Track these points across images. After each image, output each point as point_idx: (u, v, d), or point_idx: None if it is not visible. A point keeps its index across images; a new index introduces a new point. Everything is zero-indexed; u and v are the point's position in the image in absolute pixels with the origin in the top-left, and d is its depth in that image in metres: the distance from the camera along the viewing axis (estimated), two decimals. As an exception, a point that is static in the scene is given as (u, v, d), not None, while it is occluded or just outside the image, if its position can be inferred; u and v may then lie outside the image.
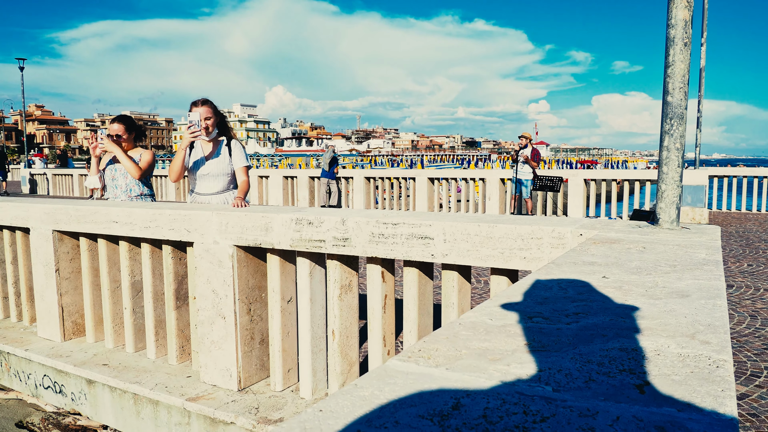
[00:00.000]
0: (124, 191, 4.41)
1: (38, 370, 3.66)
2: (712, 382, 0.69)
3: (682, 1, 2.14)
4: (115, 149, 4.30)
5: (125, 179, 4.41)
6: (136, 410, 3.11)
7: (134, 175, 4.34)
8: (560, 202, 14.00)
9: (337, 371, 2.77)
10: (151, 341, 3.46)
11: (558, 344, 0.83)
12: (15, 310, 4.37)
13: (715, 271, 1.36)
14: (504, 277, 2.38)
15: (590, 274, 1.33)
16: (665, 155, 2.22)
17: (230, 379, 2.97)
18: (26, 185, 24.67)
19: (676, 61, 2.16)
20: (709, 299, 1.10)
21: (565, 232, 2.16)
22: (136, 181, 4.42)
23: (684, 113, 2.20)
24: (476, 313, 1.00)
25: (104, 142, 4.27)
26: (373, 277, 2.68)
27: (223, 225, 2.93)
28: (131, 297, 3.56)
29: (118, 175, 4.42)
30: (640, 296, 1.12)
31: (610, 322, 0.94)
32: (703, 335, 0.88)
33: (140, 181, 4.45)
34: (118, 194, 4.41)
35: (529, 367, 0.74)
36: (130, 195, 4.42)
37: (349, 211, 2.87)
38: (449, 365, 0.75)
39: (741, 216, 12.89)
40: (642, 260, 1.52)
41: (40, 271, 3.89)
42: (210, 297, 3.00)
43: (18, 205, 4.03)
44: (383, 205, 15.57)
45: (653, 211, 2.40)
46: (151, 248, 3.41)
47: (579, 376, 0.71)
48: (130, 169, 4.32)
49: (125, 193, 4.41)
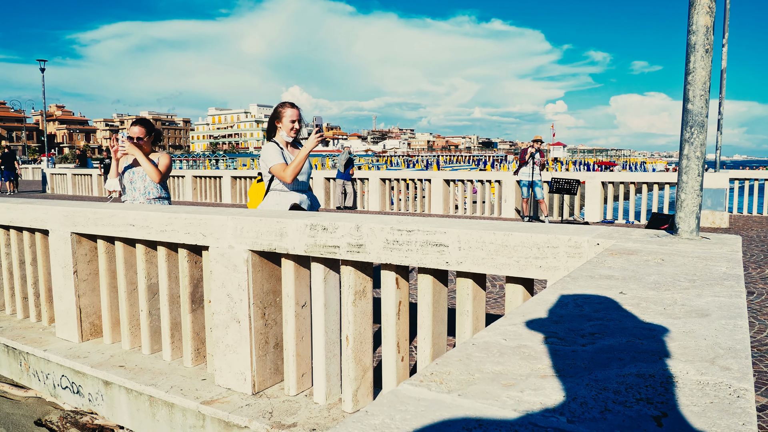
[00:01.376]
0: (142, 194, 4.47)
1: (56, 371, 3.71)
2: (732, 414, 0.67)
3: (704, 7, 2.11)
4: (136, 152, 4.37)
5: (143, 182, 4.47)
6: (152, 412, 3.14)
7: (154, 178, 4.40)
8: (577, 205, 13.87)
9: (351, 377, 2.76)
10: (166, 344, 3.49)
11: (573, 368, 0.81)
12: (34, 311, 4.44)
13: (736, 287, 1.33)
14: (519, 285, 2.36)
15: (607, 289, 1.30)
16: (685, 164, 2.18)
17: (244, 382, 2.99)
18: (47, 184, 25.08)
19: (697, 68, 2.12)
20: (730, 319, 1.07)
21: (581, 242, 2.13)
22: (154, 184, 4.48)
23: (705, 121, 2.16)
24: (490, 332, 0.99)
25: (126, 145, 4.34)
26: (387, 283, 2.67)
27: (239, 230, 2.95)
28: (147, 299, 3.60)
29: (136, 177, 4.48)
30: (658, 315, 1.10)
31: (627, 344, 0.92)
32: (723, 360, 0.85)
33: (158, 184, 4.51)
34: (137, 197, 4.47)
35: (543, 394, 0.73)
36: (149, 198, 4.48)
37: (363, 217, 2.87)
38: (462, 390, 0.74)
39: (763, 220, 12.64)
40: (660, 274, 1.49)
41: (58, 273, 3.94)
42: (225, 301, 3.02)
43: (37, 207, 4.09)
44: (398, 206, 15.55)
45: (672, 215, 2.37)
46: (167, 251, 3.44)
47: (595, 405, 0.69)
48: (150, 172, 4.39)
49: (143, 195, 4.47)
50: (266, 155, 3.92)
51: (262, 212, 3.25)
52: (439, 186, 14.38)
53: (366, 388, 2.82)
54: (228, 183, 18.42)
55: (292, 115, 3.95)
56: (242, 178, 18.37)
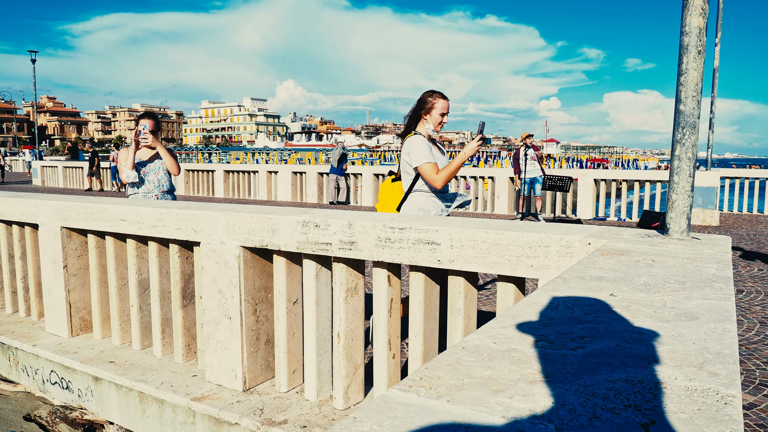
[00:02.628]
0: (156, 186, 4.54)
1: (45, 366, 3.69)
2: (719, 422, 0.67)
3: (697, 9, 2.11)
4: (157, 145, 4.51)
5: (156, 175, 4.55)
6: (142, 408, 3.13)
7: (174, 171, 4.55)
8: (569, 201, 13.91)
9: (342, 374, 2.76)
10: (157, 339, 3.48)
11: (563, 373, 0.81)
12: (23, 305, 4.40)
13: (725, 289, 1.34)
14: (511, 284, 2.37)
15: (598, 291, 1.31)
16: (677, 164, 2.19)
17: (235, 379, 2.98)
18: (37, 177, 24.86)
19: (689, 69, 2.13)
20: (719, 323, 1.08)
21: (573, 241, 2.13)
22: (166, 176, 4.60)
23: (696, 122, 2.17)
24: (480, 335, 0.99)
25: (149, 137, 4.42)
26: (379, 280, 2.67)
27: (230, 225, 2.93)
28: (138, 295, 3.58)
29: (148, 170, 4.54)
30: (647, 318, 1.10)
31: (617, 348, 0.92)
32: (711, 365, 0.86)
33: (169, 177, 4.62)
34: (151, 189, 4.53)
35: (532, 400, 0.73)
36: (162, 190, 4.58)
37: (356, 214, 2.86)
38: (451, 396, 0.74)
39: (752, 218, 12.75)
40: (651, 275, 1.49)
41: (48, 267, 3.91)
42: (216, 297, 3.01)
43: (27, 201, 4.05)
44: (391, 201, 15.53)
45: (663, 213, 2.37)
46: (159, 247, 3.42)
47: (583, 412, 0.69)
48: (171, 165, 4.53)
49: (157, 188, 4.55)
50: (415, 149, 3.40)
51: (253, 208, 3.23)
52: (433, 182, 14.36)
53: (357, 385, 2.82)
54: (221, 177, 18.34)
55: (444, 107, 3.49)
56: (235, 172, 18.29)
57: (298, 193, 16.88)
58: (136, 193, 4.52)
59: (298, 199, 16.86)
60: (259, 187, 17.49)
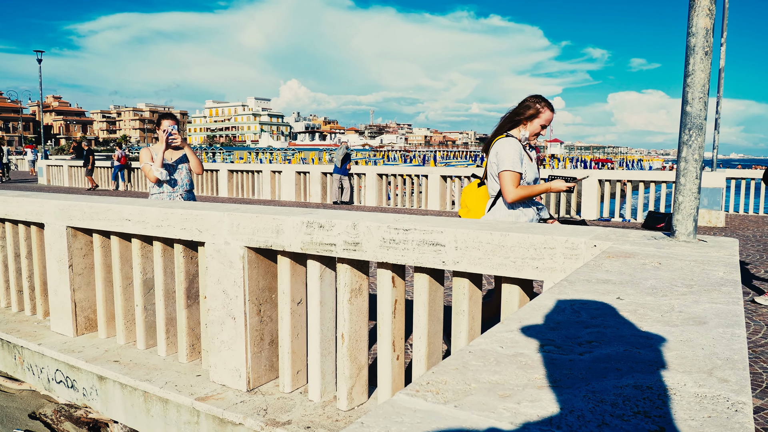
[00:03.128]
0: (180, 185, 4.68)
1: (51, 365, 3.70)
2: (730, 429, 0.67)
3: (704, 9, 2.09)
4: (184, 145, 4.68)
5: (180, 174, 4.65)
6: (146, 407, 3.14)
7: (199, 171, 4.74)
8: (573, 202, 13.88)
9: (346, 375, 2.76)
10: (161, 339, 3.48)
11: (570, 379, 0.81)
12: (29, 304, 4.42)
13: (733, 293, 1.33)
14: (516, 286, 2.36)
15: (604, 294, 1.30)
16: (683, 166, 2.18)
17: (239, 379, 2.98)
18: (43, 176, 24.96)
19: (696, 70, 2.12)
20: (728, 327, 1.07)
21: (578, 243, 2.12)
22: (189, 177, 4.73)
23: (703, 123, 2.15)
24: (486, 339, 0.98)
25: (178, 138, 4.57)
26: (383, 282, 2.66)
27: (235, 226, 2.94)
28: (143, 294, 3.58)
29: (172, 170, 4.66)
30: (655, 322, 1.09)
31: (625, 353, 0.91)
32: (721, 371, 0.85)
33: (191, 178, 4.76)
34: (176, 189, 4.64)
35: (540, 406, 0.72)
36: (186, 190, 4.75)
37: (360, 215, 2.86)
38: (458, 401, 0.73)
39: (759, 219, 12.68)
40: (657, 278, 1.48)
41: (54, 267, 3.92)
42: (220, 297, 3.01)
43: (33, 201, 4.06)
44: (395, 201, 15.54)
45: (668, 214, 2.36)
46: (163, 247, 3.43)
47: (592, 418, 0.69)
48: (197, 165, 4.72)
49: (182, 187, 4.71)
50: (505, 152, 3.22)
51: (258, 209, 3.23)
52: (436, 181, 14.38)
53: (361, 386, 2.82)
54: (225, 176, 18.37)
55: (548, 119, 3.32)
56: (239, 171, 18.33)
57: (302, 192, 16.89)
58: (162, 193, 4.59)
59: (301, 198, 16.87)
60: (263, 186, 17.52)
